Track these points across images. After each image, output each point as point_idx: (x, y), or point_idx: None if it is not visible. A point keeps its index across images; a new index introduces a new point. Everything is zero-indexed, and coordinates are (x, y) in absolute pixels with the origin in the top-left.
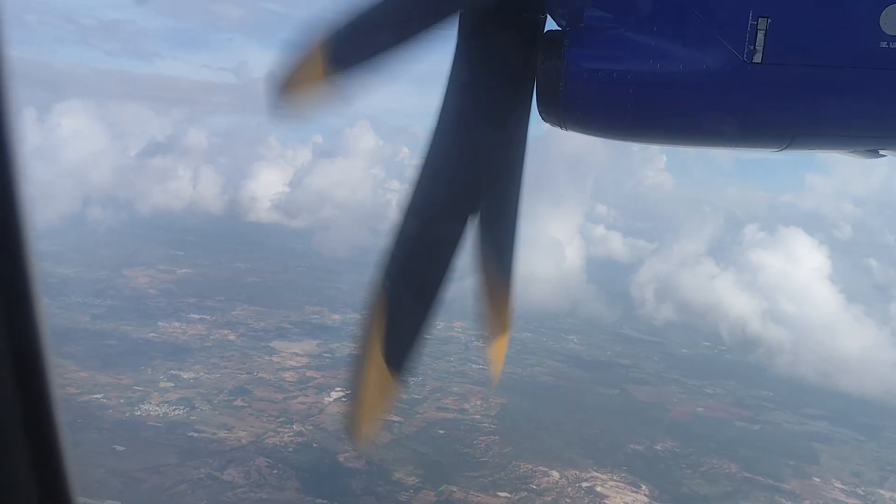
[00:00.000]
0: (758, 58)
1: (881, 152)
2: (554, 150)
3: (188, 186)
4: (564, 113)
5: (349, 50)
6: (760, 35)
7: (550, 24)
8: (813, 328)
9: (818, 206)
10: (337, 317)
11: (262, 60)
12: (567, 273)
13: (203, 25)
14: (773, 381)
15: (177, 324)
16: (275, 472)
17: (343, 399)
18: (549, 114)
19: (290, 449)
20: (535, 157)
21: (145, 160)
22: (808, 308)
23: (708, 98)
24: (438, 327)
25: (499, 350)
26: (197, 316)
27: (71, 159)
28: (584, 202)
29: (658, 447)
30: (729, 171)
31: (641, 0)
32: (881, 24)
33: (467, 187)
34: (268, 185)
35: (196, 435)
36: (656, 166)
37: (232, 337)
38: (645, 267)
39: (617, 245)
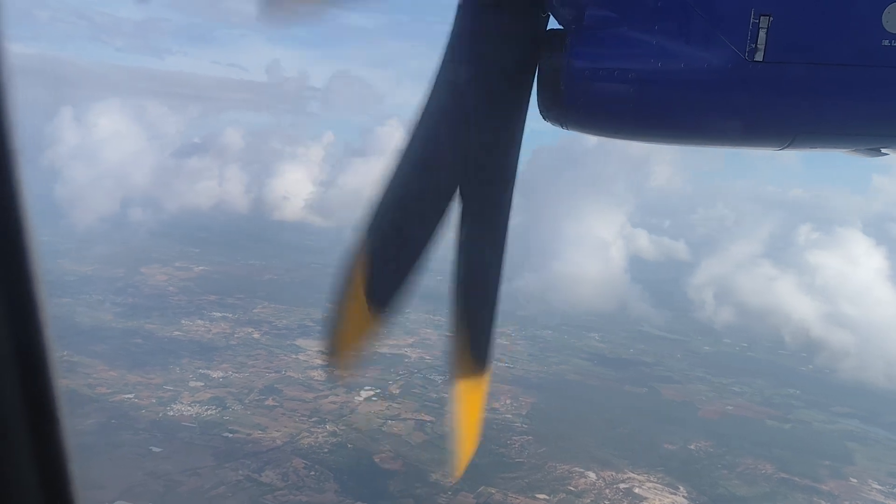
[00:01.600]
0: (759, 56)
1: (883, 150)
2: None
3: (215, 185)
4: (565, 112)
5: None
6: (762, 33)
7: (552, 24)
8: (878, 331)
9: (826, 200)
10: None
11: (271, 57)
12: (611, 273)
13: (214, 21)
14: (799, 378)
15: (200, 322)
16: (312, 473)
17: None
18: (550, 113)
19: (326, 450)
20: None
21: (178, 160)
22: (871, 310)
23: (709, 97)
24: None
25: (470, 405)
26: (219, 314)
27: (88, 157)
28: (627, 201)
29: (692, 447)
30: (732, 166)
31: None
32: (883, 22)
33: (451, 182)
34: (295, 183)
35: (231, 436)
36: (662, 162)
37: (256, 335)
38: (701, 267)
39: (644, 243)
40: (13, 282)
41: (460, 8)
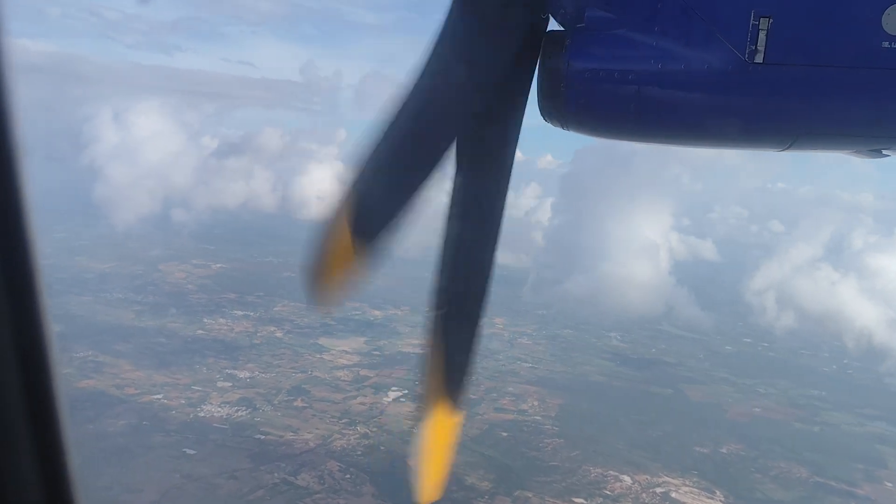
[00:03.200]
0: (759, 58)
1: (884, 152)
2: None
3: (244, 184)
4: (565, 113)
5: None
6: (762, 35)
7: (552, 25)
8: None
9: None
10: (378, 312)
11: (282, 55)
12: (657, 275)
13: (229, 18)
14: (823, 379)
15: (222, 320)
16: (348, 476)
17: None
18: (550, 114)
19: (359, 452)
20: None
21: (215, 159)
22: None
23: (709, 98)
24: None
25: (440, 433)
26: (240, 312)
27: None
28: (674, 201)
29: (724, 450)
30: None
31: (643, 0)
32: (883, 24)
33: (447, 129)
34: (323, 182)
35: (263, 437)
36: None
37: (279, 334)
38: (761, 271)
39: (673, 243)
40: (13, 279)
41: (460, 10)
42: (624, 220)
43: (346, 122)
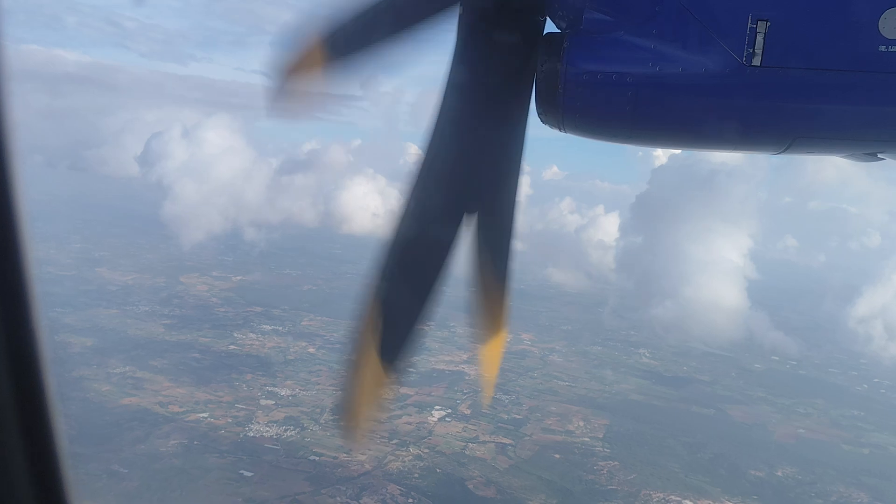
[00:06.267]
0: (757, 61)
1: (879, 156)
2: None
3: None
4: (563, 115)
5: (348, 39)
6: (760, 38)
7: (550, 27)
8: None
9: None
10: None
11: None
12: (734, 298)
13: (248, 28)
14: (858, 398)
15: (252, 335)
16: (410, 500)
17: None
18: (547, 116)
19: (416, 475)
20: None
21: (279, 176)
22: None
23: (707, 101)
24: (507, 339)
25: (492, 356)
26: (269, 327)
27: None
28: (751, 222)
29: (779, 473)
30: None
31: (641, 3)
32: (880, 27)
33: (464, 189)
34: (365, 196)
35: (317, 459)
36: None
37: (312, 350)
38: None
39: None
40: (7, 284)
41: (460, 14)
42: (699, 241)
43: (395, 135)
